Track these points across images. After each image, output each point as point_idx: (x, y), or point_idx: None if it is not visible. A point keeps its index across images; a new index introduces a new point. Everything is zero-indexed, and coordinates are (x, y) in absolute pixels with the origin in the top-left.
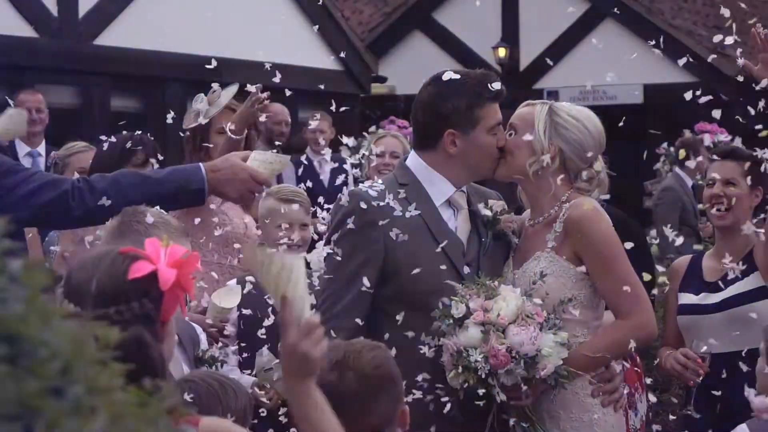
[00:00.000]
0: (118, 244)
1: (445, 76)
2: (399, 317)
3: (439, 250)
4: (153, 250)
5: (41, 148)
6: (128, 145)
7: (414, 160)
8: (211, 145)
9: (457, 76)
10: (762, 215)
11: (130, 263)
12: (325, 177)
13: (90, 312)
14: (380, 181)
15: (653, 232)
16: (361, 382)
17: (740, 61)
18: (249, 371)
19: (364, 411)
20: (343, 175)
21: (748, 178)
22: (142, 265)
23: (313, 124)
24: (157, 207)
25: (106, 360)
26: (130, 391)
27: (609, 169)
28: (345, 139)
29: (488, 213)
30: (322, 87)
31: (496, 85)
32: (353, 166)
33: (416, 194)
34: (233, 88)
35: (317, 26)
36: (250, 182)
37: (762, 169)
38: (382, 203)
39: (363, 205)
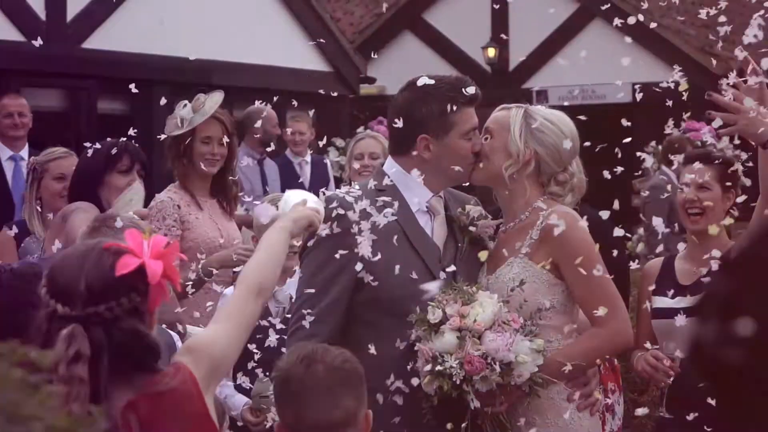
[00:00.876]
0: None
1: (420, 82)
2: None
3: (415, 255)
4: (136, 244)
5: (24, 152)
6: (113, 151)
7: (391, 166)
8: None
9: (432, 82)
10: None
11: (116, 259)
12: (305, 179)
13: (80, 311)
14: (357, 186)
15: (641, 230)
16: (329, 374)
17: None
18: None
19: (330, 404)
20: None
21: (721, 181)
22: (128, 260)
23: (292, 125)
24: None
25: (38, 384)
26: (59, 417)
27: (599, 169)
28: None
29: (464, 218)
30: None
31: (471, 90)
32: (340, 167)
33: (393, 200)
34: (218, 96)
35: (311, 39)
36: None
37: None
38: (358, 209)
39: (339, 211)
